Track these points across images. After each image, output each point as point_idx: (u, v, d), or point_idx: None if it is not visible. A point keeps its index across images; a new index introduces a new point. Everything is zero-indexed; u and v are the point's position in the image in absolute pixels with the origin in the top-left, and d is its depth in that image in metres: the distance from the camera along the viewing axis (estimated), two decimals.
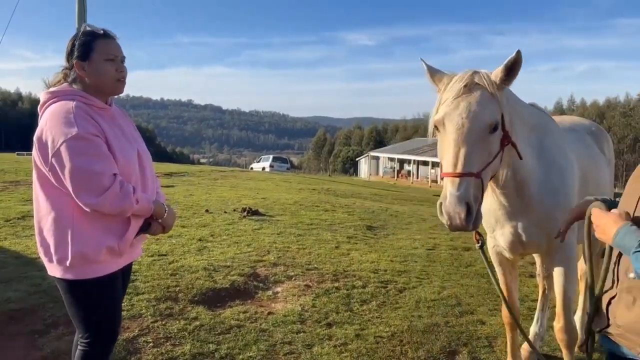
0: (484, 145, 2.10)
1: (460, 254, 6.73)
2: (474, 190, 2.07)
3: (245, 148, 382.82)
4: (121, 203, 2.02)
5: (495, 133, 2.13)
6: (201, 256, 5.53)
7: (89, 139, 1.97)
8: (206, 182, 14.23)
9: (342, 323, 4.03)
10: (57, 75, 2.20)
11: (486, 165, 2.09)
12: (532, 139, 2.53)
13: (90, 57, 2.11)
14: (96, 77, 2.13)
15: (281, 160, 40.40)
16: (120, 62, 2.20)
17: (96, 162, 1.97)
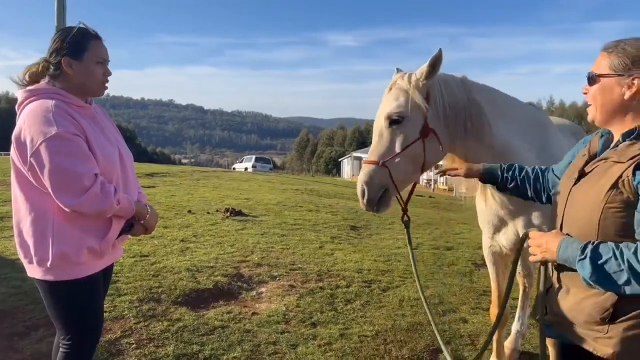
0: (390, 138, 2.34)
1: (443, 253, 6.80)
2: (376, 177, 2.33)
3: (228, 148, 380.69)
4: (102, 204, 1.99)
5: (402, 125, 2.33)
6: (184, 257, 5.49)
7: (69, 139, 1.93)
8: (188, 183, 14.10)
9: (327, 323, 4.03)
10: (31, 67, 2.13)
11: (393, 156, 2.32)
12: (530, 135, 2.55)
13: (83, 56, 2.08)
14: (84, 78, 2.09)
15: (264, 160, 40.23)
16: (107, 66, 2.18)
17: (76, 162, 1.94)
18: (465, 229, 9.14)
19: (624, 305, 1.51)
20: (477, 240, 7.75)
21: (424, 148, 2.35)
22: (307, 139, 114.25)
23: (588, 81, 1.67)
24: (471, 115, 2.42)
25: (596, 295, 1.55)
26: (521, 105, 2.71)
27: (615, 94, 1.59)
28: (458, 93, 2.42)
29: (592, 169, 1.64)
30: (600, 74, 1.62)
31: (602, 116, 1.65)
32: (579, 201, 1.63)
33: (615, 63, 1.58)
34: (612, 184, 1.50)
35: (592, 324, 1.58)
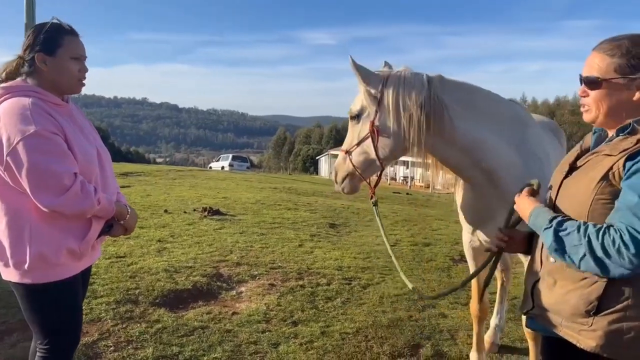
0: (352, 130, 2.67)
1: (421, 250, 6.86)
2: (344, 163, 2.71)
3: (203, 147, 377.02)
4: (82, 204, 1.94)
5: (360, 120, 2.61)
6: (161, 257, 5.41)
7: (47, 137, 1.88)
8: (164, 182, 13.91)
9: (308, 321, 4.03)
10: (8, 64, 2.07)
11: (355, 145, 2.63)
12: (508, 131, 2.57)
13: (56, 52, 2.01)
14: (58, 74, 2.03)
15: (241, 159, 39.98)
16: (83, 63, 2.12)
17: (56, 160, 1.88)
18: (443, 225, 9.25)
19: (609, 298, 1.52)
20: (454, 236, 7.85)
21: (374, 144, 2.56)
22: (284, 137, 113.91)
23: (587, 84, 1.62)
24: (433, 115, 2.43)
25: (582, 288, 1.56)
26: (499, 101, 2.73)
27: (623, 97, 1.56)
28: (417, 93, 2.44)
29: (584, 163, 1.64)
30: (606, 78, 1.56)
31: (604, 119, 1.62)
32: (570, 193, 1.64)
33: (621, 65, 1.54)
34: (603, 176, 1.51)
35: (577, 317, 1.59)
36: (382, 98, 2.51)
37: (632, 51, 1.54)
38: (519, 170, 2.51)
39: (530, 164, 2.56)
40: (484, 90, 2.66)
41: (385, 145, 2.56)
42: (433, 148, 2.54)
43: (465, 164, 2.55)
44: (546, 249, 1.56)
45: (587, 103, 1.65)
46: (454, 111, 2.46)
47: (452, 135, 2.48)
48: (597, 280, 1.52)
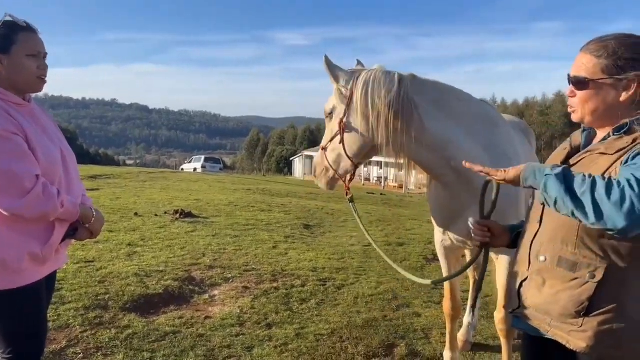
0: (327, 128, 2.76)
1: (395, 249, 6.90)
2: (321, 159, 2.80)
3: (175, 149, 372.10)
4: (44, 207, 1.86)
5: (330, 120, 2.70)
6: (131, 262, 5.28)
7: (7, 137, 1.80)
8: (134, 185, 13.65)
9: (282, 323, 3.99)
10: None
11: (329, 142, 2.71)
12: (478, 130, 2.59)
13: (11, 50, 1.93)
14: (15, 73, 1.94)
15: (213, 160, 39.55)
16: (43, 59, 2.03)
17: (16, 162, 1.80)
18: (416, 225, 9.33)
19: (599, 299, 1.51)
20: (427, 235, 7.91)
21: (342, 142, 2.62)
22: (258, 138, 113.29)
23: (575, 85, 1.61)
24: (402, 114, 2.44)
25: (572, 289, 1.54)
26: (470, 101, 2.74)
27: (610, 97, 1.55)
28: (387, 92, 2.44)
29: (577, 161, 1.61)
30: (593, 79, 1.56)
31: (592, 118, 1.61)
32: None
33: (608, 66, 1.54)
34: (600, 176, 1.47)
35: (566, 317, 1.57)
36: (352, 96, 2.52)
37: (619, 52, 1.54)
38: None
39: (499, 163, 2.58)
40: (456, 90, 2.68)
41: (353, 143, 2.61)
42: (402, 147, 2.55)
43: (436, 163, 2.56)
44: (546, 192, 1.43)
45: (574, 104, 1.65)
46: (424, 110, 2.47)
47: (421, 135, 2.48)
48: (588, 280, 1.51)
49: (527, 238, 1.73)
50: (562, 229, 1.57)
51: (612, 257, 1.50)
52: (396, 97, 2.43)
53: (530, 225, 1.74)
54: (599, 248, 1.51)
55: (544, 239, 1.65)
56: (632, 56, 1.53)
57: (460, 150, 2.50)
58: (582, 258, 1.53)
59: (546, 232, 1.65)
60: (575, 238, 1.54)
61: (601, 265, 1.50)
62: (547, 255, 1.62)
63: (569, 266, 1.56)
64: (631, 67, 1.52)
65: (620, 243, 1.48)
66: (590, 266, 1.52)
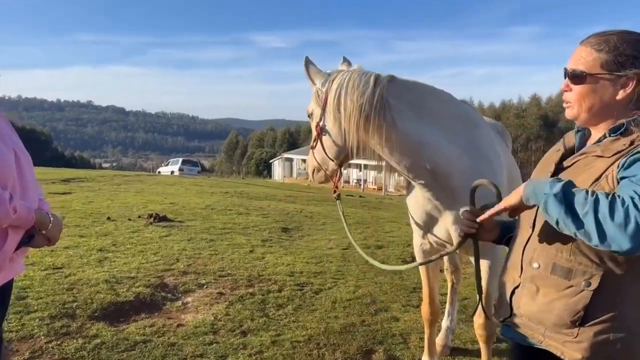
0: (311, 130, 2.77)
1: (374, 252, 6.83)
2: (310, 158, 2.85)
3: (152, 151, 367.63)
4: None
5: (311, 122, 2.72)
6: (102, 268, 5.10)
7: None
8: (108, 188, 13.34)
9: (258, 330, 3.88)
10: None
11: (312, 143, 2.76)
12: (456, 132, 2.53)
13: None
14: None
15: (191, 163, 39.09)
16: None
17: None
18: (395, 227, 9.30)
19: (595, 308, 1.44)
20: (406, 237, 7.88)
21: (321, 144, 2.65)
22: (237, 140, 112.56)
23: (571, 78, 1.54)
24: (373, 116, 2.38)
25: (567, 297, 1.47)
26: (449, 102, 2.69)
27: (607, 95, 1.48)
28: (360, 94, 2.38)
29: (571, 164, 1.55)
30: (591, 73, 1.49)
31: (587, 116, 1.54)
32: None
33: (608, 61, 1.47)
34: (595, 179, 1.42)
35: (561, 327, 1.50)
36: (327, 99, 2.50)
37: (620, 47, 1.47)
38: (468, 170, 2.48)
39: (479, 164, 2.53)
40: (437, 91, 2.62)
41: (329, 145, 2.62)
42: (375, 151, 2.51)
43: (411, 165, 2.50)
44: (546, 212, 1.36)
45: (570, 99, 1.57)
46: (399, 112, 2.41)
47: (394, 137, 2.42)
48: (584, 289, 1.45)
49: (519, 243, 1.66)
50: (556, 234, 1.48)
51: (609, 264, 1.43)
52: (369, 100, 2.37)
53: (522, 230, 1.67)
54: (595, 255, 1.44)
55: (537, 244, 1.57)
56: (633, 53, 1.47)
57: (437, 152, 2.44)
58: (578, 265, 1.46)
59: (539, 237, 1.57)
60: (571, 244, 1.48)
61: (597, 273, 1.44)
62: (540, 261, 1.54)
63: (564, 273, 1.49)
64: (631, 64, 1.46)
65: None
66: (585, 273, 1.45)
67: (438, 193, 2.57)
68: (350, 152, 2.57)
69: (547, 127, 73.87)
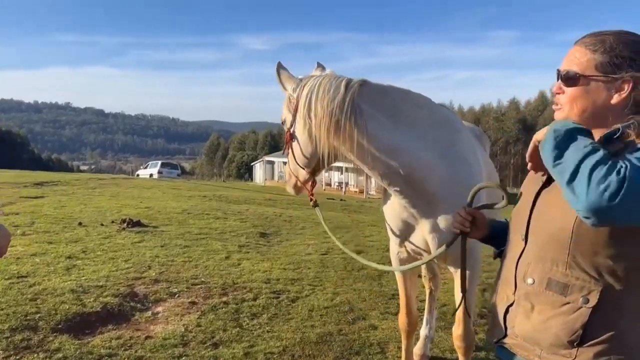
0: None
1: (353, 258, 6.71)
2: (286, 166, 2.79)
3: (132, 154, 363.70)
4: None
5: (284, 129, 2.61)
6: (69, 276, 4.89)
7: None
8: (82, 192, 13.01)
9: (230, 341, 3.72)
10: None
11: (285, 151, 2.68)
12: (433, 136, 2.43)
13: None
14: None
15: (171, 166, 38.53)
16: None
17: None
18: (375, 231, 9.21)
19: (595, 326, 1.33)
20: (385, 242, 7.77)
21: (292, 151, 2.58)
22: (218, 143, 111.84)
23: (564, 80, 1.45)
24: (344, 122, 2.28)
25: (564, 315, 1.37)
26: (426, 106, 2.59)
27: (601, 98, 1.39)
28: (330, 100, 2.28)
29: None
30: (585, 75, 1.40)
31: (580, 119, 1.44)
32: (552, 204, 1.44)
33: (603, 63, 1.38)
34: None
35: (558, 347, 1.38)
36: (297, 105, 2.40)
37: (616, 49, 1.38)
38: (446, 176, 2.39)
39: (458, 169, 2.44)
40: (413, 95, 2.51)
41: (300, 152, 2.53)
42: (348, 157, 2.42)
43: (384, 172, 2.39)
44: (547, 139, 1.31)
45: (561, 101, 1.48)
46: (371, 117, 2.30)
47: (366, 143, 2.32)
48: (582, 306, 1.34)
49: (511, 258, 1.55)
50: (550, 246, 1.39)
51: (607, 279, 1.33)
52: (339, 105, 2.26)
53: (514, 244, 1.57)
54: (592, 268, 1.34)
55: (531, 258, 1.47)
56: (630, 55, 1.37)
57: (412, 158, 2.34)
58: (575, 280, 1.36)
59: (533, 250, 1.47)
60: (567, 257, 1.37)
61: (595, 288, 1.34)
62: (535, 276, 1.44)
63: (560, 289, 1.38)
64: (628, 67, 1.36)
65: (616, 263, 1.32)
66: (583, 289, 1.35)
67: (414, 200, 2.46)
68: (322, 160, 2.47)
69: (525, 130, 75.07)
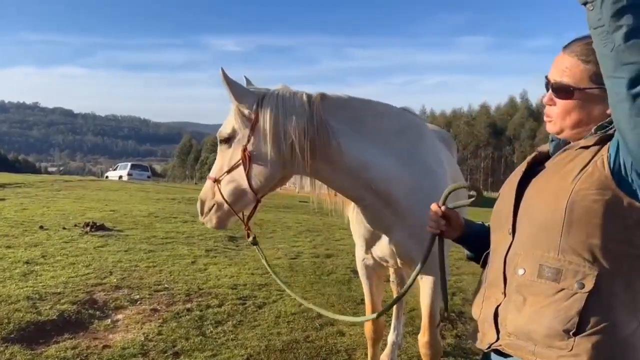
0: (222, 155, 2.36)
1: (323, 262, 6.65)
2: (209, 192, 2.38)
3: (102, 155, 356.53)
4: None
5: (231, 144, 2.31)
6: (26, 282, 4.67)
7: None
8: (46, 194, 12.59)
9: (192, 350, 3.60)
10: None
11: (225, 172, 2.31)
12: (397, 146, 2.37)
13: None
14: None
15: (141, 167, 37.69)
16: None
17: None
18: (346, 234, 9.14)
19: (592, 312, 1.25)
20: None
21: (246, 173, 2.26)
22: (190, 144, 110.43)
23: (556, 92, 1.40)
24: (318, 139, 2.20)
25: (558, 302, 1.28)
26: (388, 114, 2.52)
27: (597, 109, 1.35)
28: (298, 117, 2.19)
29: (552, 163, 1.43)
30: (580, 87, 1.35)
31: (573, 132, 1.40)
32: (540, 192, 1.38)
33: (597, 73, 1.29)
34: (583, 167, 1.29)
35: (553, 339, 1.28)
36: (258, 120, 2.22)
37: None
38: (410, 185, 2.34)
39: (422, 177, 2.39)
40: (372, 103, 2.45)
41: (259, 173, 2.27)
42: (317, 173, 2.33)
43: (353, 185, 2.33)
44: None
45: (552, 114, 1.43)
46: (341, 132, 2.24)
47: (339, 159, 2.25)
48: (577, 291, 1.26)
49: (498, 256, 1.48)
50: (542, 234, 1.33)
51: (603, 263, 1.26)
52: (309, 122, 2.18)
53: (500, 241, 1.50)
54: (587, 251, 1.27)
55: (521, 249, 1.40)
56: None
57: (376, 170, 2.28)
58: (568, 264, 1.29)
59: (522, 241, 1.40)
60: (559, 240, 1.30)
61: (591, 272, 1.26)
62: (525, 266, 1.36)
63: (553, 275, 1.30)
64: None
65: (611, 246, 1.26)
66: (577, 273, 1.27)
67: (381, 210, 2.40)
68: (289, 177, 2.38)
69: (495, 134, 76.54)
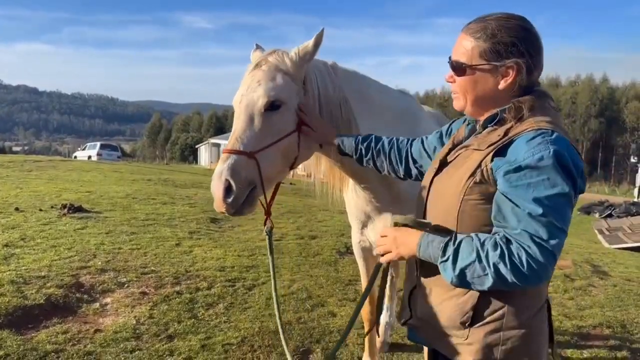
0: (264, 125, 1.90)
1: (308, 243, 6.67)
2: (243, 170, 1.85)
3: (68, 134, 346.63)
4: None
5: (279, 112, 1.93)
6: (7, 266, 4.54)
7: None
8: (17, 175, 12.20)
9: (186, 333, 3.59)
10: None
11: (265, 147, 1.89)
12: (400, 126, 2.38)
13: None
14: None
15: (110, 147, 36.83)
16: None
17: None
18: (328, 216, 9.20)
19: (484, 307, 1.39)
20: (339, 227, 7.79)
21: (298, 142, 2.00)
22: (160, 124, 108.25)
23: (454, 70, 1.47)
24: (340, 112, 2.17)
25: (457, 297, 1.42)
26: (390, 93, 2.54)
27: (489, 85, 1.42)
28: (330, 84, 2.14)
29: (453, 158, 1.50)
30: (471, 64, 1.43)
31: (474, 108, 1.49)
32: (439, 193, 1.49)
33: (486, 50, 1.40)
34: (471, 174, 1.37)
35: (452, 329, 1.44)
36: (311, 87, 2.05)
37: (498, 35, 1.40)
38: None
39: None
40: (373, 80, 2.45)
41: (309, 144, 2.06)
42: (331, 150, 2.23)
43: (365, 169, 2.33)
44: (446, 280, 1.37)
45: (455, 90, 1.51)
46: (355, 107, 2.22)
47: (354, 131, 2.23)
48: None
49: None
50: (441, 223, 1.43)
51: None
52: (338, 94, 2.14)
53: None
54: None
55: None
56: (512, 40, 1.39)
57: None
58: None
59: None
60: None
61: None
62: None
63: None
64: (510, 53, 1.39)
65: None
66: None
67: (383, 194, 2.42)
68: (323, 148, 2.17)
69: None
